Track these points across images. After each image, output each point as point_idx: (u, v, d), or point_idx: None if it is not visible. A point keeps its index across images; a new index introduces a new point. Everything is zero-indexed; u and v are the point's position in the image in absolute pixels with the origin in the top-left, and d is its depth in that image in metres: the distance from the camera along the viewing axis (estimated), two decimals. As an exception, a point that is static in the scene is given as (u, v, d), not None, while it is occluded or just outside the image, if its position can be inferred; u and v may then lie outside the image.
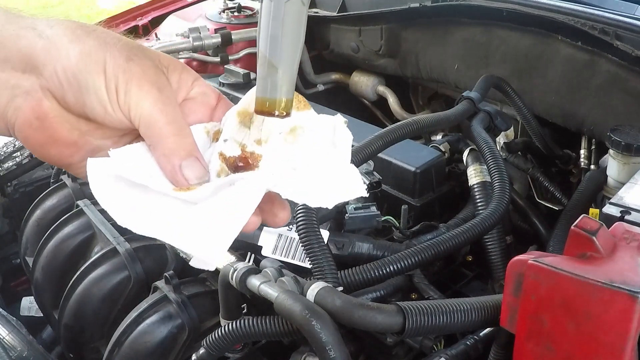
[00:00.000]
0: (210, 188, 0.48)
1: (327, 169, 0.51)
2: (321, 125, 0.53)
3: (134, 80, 0.49)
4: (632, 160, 1.09)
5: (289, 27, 0.47)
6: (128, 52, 0.50)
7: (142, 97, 0.49)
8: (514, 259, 0.70)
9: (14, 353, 0.98)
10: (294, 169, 0.51)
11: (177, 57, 1.89)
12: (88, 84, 0.49)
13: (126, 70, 0.49)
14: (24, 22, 0.51)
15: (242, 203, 0.47)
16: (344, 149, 0.52)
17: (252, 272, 0.89)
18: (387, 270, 0.92)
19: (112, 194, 0.48)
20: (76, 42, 0.49)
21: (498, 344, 0.81)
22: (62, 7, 7.75)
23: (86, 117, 0.51)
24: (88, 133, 0.53)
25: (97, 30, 0.51)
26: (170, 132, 0.50)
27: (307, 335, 0.76)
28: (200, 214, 0.48)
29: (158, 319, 1.06)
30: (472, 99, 1.28)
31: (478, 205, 1.13)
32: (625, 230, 0.71)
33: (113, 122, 0.51)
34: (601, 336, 0.62)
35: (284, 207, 0.53)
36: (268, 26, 0.47)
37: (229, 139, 0.52)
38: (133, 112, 0.49)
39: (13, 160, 1.57)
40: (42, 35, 0.50)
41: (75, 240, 1.32)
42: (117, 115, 0.50)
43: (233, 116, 0.53)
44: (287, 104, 0.48)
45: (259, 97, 0.49)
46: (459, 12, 1.57)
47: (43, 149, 0.53)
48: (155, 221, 0.48)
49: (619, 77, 1.27)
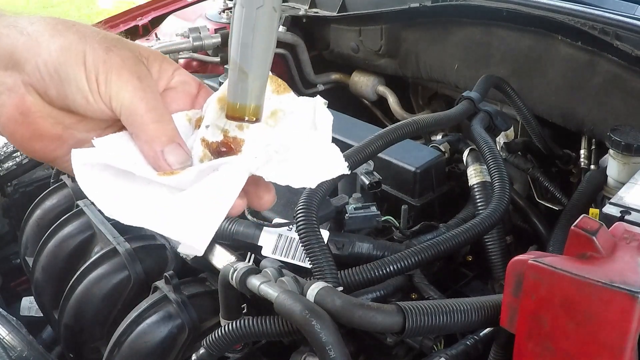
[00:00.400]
0: (194, 171, 0.49)
1: (308, 149, 0.51)
2: (301, 107, 0.54)
3: (114, 71, 0.50)
4: (632, 160, 1.09)
5: (260, 33, 0.48)
6: (107, 44, 0.51)
7: (122, 87, 0.50)
8: (514, 259, 0.70)
9: (14, 353, 0.98)
10: (276, 152, 0.52)
11: (177, 57, 1.89)
12: (69, 77, 0.49)
13: (106, 61, 0.50)
14: (5, 20, 0.52)
15: (227, 187, 0.48)
16: (325, 129, 0.53)
17: (252, 272, 0.89)
18: (387, 270, 0.92)
19: (98, 183, 0.49)
20: (57, 36, 0.50)
21: (498, 344, 0.81)
22: (62, 7, 7.75)
23: (69, 110, 0.52)
24: (72, 126, 0.53)
25: (77, 25, 0.52)
26: (151, 119, 0.50)
27: (307, 335, 0.76)
28: (186, 200, 0.48)
29: (158, 319, 1.07)
30: (472, 99, 1.28)
31: (478, 205, 1.13)
32: (625, 230, 0.71)
33: (95, 113, 0.51)
34: (601, 336, 0.62)
35: (269, 189, 0.54)
36: (239, 32, 0.48)
37: (210, 125, 0.53)
38: (114, 101, 0.50)
39: (13, 160, 1.57)
40: (23, 32, 0.50)
41: (75, 240, 1.32)
42: (98, 106, 0.50)
43: (214, 102, 0.54)
44: (256, 110, 0.49)
45: (229, 102, 0.49)
46: (459, 12, 1.57)
47: (28, 143, 0.53)
48: (141, 210, 0.48)
49: (619, 77, 1.27)
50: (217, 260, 1.09)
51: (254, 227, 1.01)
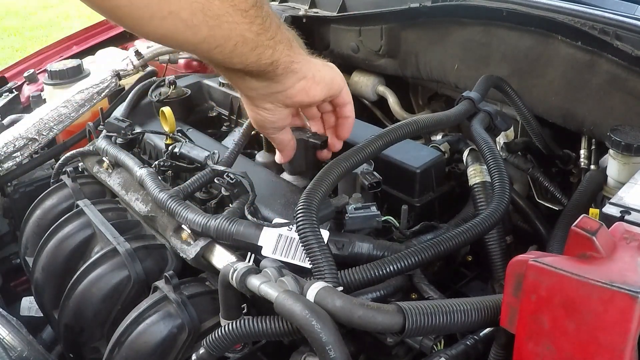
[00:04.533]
0: None
1: None
2: None
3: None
4: (632, 160, 1.09)
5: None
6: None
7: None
8: (514, 259, 0.70)
9: (14, 353, 0.98)
10: None
11: (177, 57, 1.89)
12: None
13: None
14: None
15: None
16: None
17: (252, 272, 0.89)
18: (387, 270, 0.93)
19: None
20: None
21: (498, 344, 0.81)
22: (62, 7, 7.75)
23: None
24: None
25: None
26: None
27: (307, 335, 0.76)
28: None
29: (158, 319, 1.07)
30: (472, 99, 1.28)
31: (478, 205, 1.13)
32: (625, 230, 0.72)
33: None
34: (601, 336, 0.62)
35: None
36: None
37: None
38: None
39: (13, 160, 1.57)
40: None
41: (75, 240, 1.32)
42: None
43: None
44: None
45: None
46: (459, 12, 1.57)
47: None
48: None
49: (619, 77, 1.27)
50: (217, 260, 1.09)
51: (254, 227, 1.01)
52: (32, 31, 6.99)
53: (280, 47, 0.90)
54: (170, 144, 1.36)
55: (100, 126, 1.51)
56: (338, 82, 1.06)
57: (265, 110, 1.01)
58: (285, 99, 0.99)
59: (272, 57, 0.89)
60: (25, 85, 2.09)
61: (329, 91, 1.04)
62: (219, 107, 1.69)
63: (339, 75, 1.07)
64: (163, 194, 1.17)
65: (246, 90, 0.99)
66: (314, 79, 0.99)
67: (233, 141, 1.29)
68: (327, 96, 1.05)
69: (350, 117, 1.14)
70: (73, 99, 1.64)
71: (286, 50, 0.91)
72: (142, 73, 1.76)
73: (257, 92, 0.98)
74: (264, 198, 1.14)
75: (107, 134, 1.46)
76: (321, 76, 1.01)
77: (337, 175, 1.00)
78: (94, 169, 1.48)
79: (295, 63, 0.94)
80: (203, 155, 1.26)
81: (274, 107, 1.01)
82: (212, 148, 1.29)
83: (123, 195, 1.35)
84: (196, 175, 1.22)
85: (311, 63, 0.99)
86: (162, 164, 1.32)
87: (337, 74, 1.06)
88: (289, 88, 0.97)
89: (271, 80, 0.95)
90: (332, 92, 1.05)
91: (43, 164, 1.72)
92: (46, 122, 1.59)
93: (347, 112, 1.13)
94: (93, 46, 2.27)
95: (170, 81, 1.62)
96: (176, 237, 1.15)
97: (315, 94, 1.01)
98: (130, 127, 1.45)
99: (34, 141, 1.58)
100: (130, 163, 1.34)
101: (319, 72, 1.00)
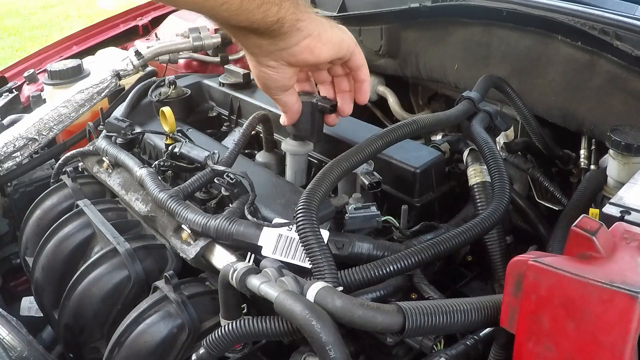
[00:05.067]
0: None
1: None
2: None
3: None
4: (632, 160, 1.09)
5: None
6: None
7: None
8: (514, 259, 0.70)
9: (14, 353, 0.98)
10: None
11: (177, 57, 1.89)
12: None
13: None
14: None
15: None
16: None
17: (252, 272, 0.89)
18: (387, 270, 0.93)
19: None
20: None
21: (498, 344, 0.81)
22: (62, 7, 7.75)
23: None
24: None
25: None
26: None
27: (307, 335, 0.76)
28: None
29: (158, 319, 1.07)
30: (472, 99, 1.28)
31: (478, 206, 1.13)
32: (625, 230, 0.72)
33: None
34: (601, 336, 0.62)
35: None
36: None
37: None
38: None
39: (13, 160, 1.57)
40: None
41: (75, 240, 1.32)
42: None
43: None
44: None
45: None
46: (459, 12, 1.57)
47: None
48: None
49: (619, 77, 1.27)
50: (217, 260, 1.09)
51: (254, 227, 1.01)
52: (32, 31, 6.99)
53: (287, 4, 0.90)
54: (170, 144, 1.36)
55: (100, 126, 1.51)
56: (348, 44, 1.04)
57: (269, 67, 1.00)
58: (290, 57, 0.98)
59: (277, 14, 0.89)
60: (25, 85, 2.09)
61: (337, 52, 1.02)
62: (219, 107, 1.69)
63: (350, 37, 1.05)
64: (163, 194, 1.17)
65: (251, 48, 0.98)
66: (319, 38, 0.98)
67: (233, 141, 1.30)
68: (334, 57, 1.03)
69: (366, 81, 1.11)
70: (73, 99, 1.64)
71: (292, 8, 0.91)
72: (142, 73, 1.76)
73: (261, 50, 0.97)
74: (264, 198, 1.14)
75: (107, 134, 1.46)
76: (328, 36, 0.99)
77: (337, 175, 1.00)
78: (94, 169, 1.48)
79: (301, 21, 0.94)
80: (203, 155, 1.26)
81: (278, 65, 0.99)
82: (212, 148, 1.29)
83: (123, 195, 1.35)
84: (196, 175, 1.22)
85: (318, 22, 0.98)
86: (162, 164, 1.32)
87: (347, 36, 1.04)
88: (294, 46, 0.96)
89: (276, 38, 0.94)
90: (341, 54, 1.04)
91: (43, 164, 1.72)
92: (46, 122, 1.59)
93: (362, 76, 1.10)
94: (93, 46, 2.27)
95: (170, 81, 1.62)
96: (176, 237, 1.15)
97: (321, 53, 0.99)
98: (130, 127, 1.45)
99: (34, 141, 1.57)
100: (130, 163, 1.34)
101: (326, 32, 0.99)
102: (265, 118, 1.36)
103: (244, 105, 1.59)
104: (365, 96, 1.13)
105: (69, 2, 7.86)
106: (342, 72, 1.12)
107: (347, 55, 1.05)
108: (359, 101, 1.15)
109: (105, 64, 1.82)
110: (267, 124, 1.38)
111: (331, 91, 1.16)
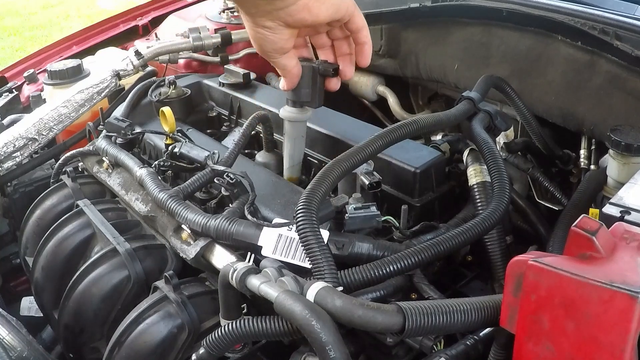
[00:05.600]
0: None
1: None
2: None
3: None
4: (632, 160, 1.09)
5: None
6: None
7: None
8: (514, 259, 0.70)
9: (14, 353, 0.98)
10: None
11: (177, 57, 1.89)
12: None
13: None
14: None
15: None
16: None
17: (252, 272, 0.89)
18: (387, 270, 0.93)
19: None
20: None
21: (498, 344, 0.81)
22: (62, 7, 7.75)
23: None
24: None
25: None
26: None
27: (307, 335, 0.76)
28: None
29: (158, 319, 1.07)
30: (472, 99, 1.28)
31: (478, 205, 1.13)
32: (625, 230, 0.72)
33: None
34: (601, 336, 0.62)
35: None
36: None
37: None
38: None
39: (13, 160, 1.57)
40: None
41: (75, 240, 1.32)
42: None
43: None
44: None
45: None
46: (458, 12, 1.57)
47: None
48: None
49: (619, 77, 1.27)
50: (217, 260, 1.09)
51: (254, 227, 1.01)
52: (32, 31, 6.99)
53: None
54: (170, 144, 1.36)
55: (100, 126, 1.51)
56: (347, 5, 1.01)
57: (266, 28, 0.98)
58: (287, 17, 0.95)
59: None
60: (25, 85, 2.09)
61: (336, 13, 1.00)
62: (219, 107, 1.69)
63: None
64: (163, 194, 1.17)
65: (248, 7, 0.95)
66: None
67: (233, 141, 1.29)
68: (333, 18, 1.00)
69: (368, 43, 1.08)
70: (73, 99, 1.64)
71: None
72: (142, 73, 1.76)
73: (258, 9, 0.95)
74: (264, 198, 1.14)
75: (107, 134, 1.46)
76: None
77: (337, 175, 1.00)
78: (93, 169, 1.48)
79: None
80: (203, 155, 1.26)
81: (275, 25, 0.97)
82: (212, 148, 1.29)
83: (123, 195, 1.35)
84: (196, 175, 1.22)
85: None
86: (162, 164, 1.32)
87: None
88: (291, 5, 0.93)
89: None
90: (340, 15, 1.01)
91: (43, 164, 1.72)
92: (46, 122, 1.59)
93: (363, 38, 1.07)
94: (93, 46, 2.27)
95: (170, 81, 1.62)
96: (176, 237, 1.15)
97: (319, 12, 0.96)
98: (130, 127, 1.45)
99: (34, 141, 1.57)
100: (130, 163, 1.34)
101: None
102: (265, 118, 1.36)
103: (244, 105, 1.60)
104: (367, 58, 1.10)
105: (69, 2, 7.86)
106: (341, 35, 1.09)
107: (346, 17, 1.02)
108: (360, 64, 1.11)
109: (105, 64, 1.82)
110: (267, 124, 1.38)
111: (331, 55, 1.13)
